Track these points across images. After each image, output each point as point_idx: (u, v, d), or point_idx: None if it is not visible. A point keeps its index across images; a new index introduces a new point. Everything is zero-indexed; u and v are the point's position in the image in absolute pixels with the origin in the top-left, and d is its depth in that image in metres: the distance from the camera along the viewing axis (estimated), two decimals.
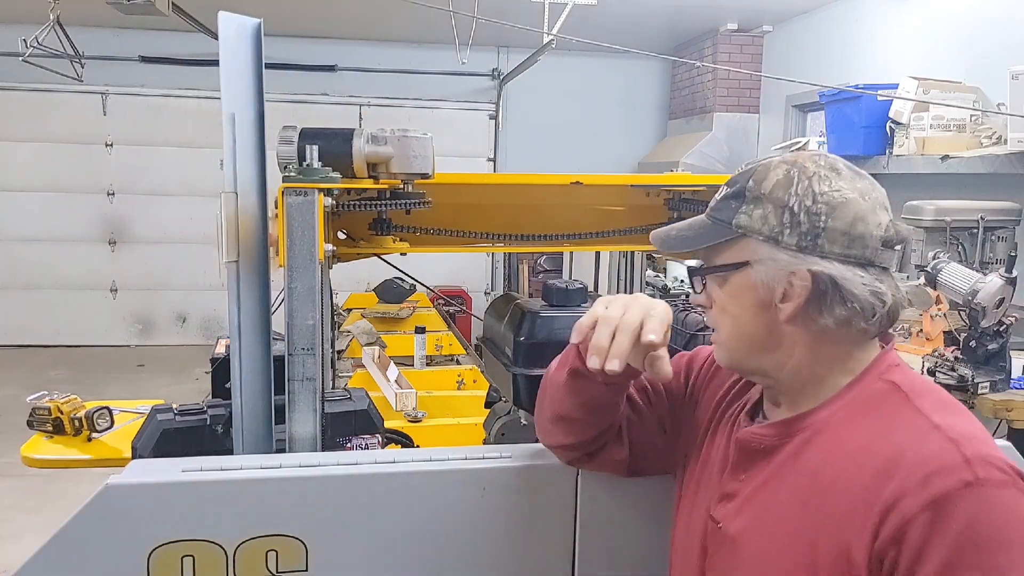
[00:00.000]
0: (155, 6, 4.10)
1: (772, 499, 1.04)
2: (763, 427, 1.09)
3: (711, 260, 1.10)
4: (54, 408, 2.35)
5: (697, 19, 6.80)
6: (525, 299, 1.97)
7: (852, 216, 1.00)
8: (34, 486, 4.34)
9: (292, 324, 1.49)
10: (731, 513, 1.09)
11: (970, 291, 2.50)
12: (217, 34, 1.46)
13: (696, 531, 1.15)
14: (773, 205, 1.02)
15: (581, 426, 1.25)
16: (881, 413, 1.00)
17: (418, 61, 7.94)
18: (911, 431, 0.96)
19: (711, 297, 1.11)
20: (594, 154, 7.99)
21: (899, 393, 1.01)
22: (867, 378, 1.04)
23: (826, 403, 1.04)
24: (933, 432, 0.94)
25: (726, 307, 1.08)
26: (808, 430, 1.04)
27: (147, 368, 7.21)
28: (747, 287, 1.05)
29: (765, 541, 1.03)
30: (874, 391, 1.02)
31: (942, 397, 1.02)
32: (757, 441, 1.09)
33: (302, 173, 1.53)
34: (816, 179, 1.02)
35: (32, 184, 7.65)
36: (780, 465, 1.05)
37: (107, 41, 7.22)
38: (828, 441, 1.01)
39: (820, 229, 1.00)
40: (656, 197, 2.34)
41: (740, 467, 1.10)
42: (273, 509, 1.29)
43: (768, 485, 1.06)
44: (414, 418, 2.76)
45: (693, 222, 1.14)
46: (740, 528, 1.06)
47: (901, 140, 4.51)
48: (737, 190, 1.07)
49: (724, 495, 1.11)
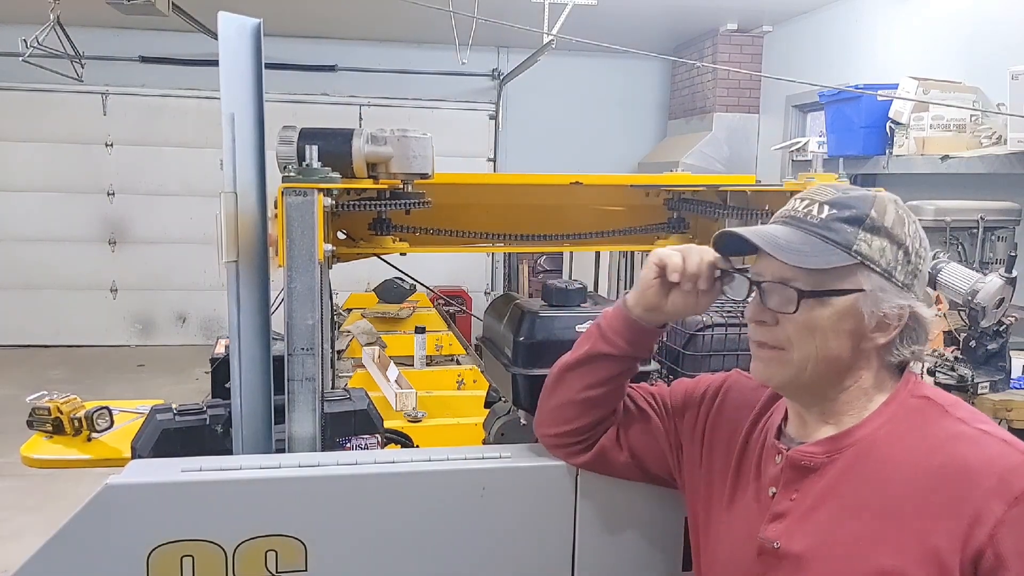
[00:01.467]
0: (155, 6, 4.09)
1: (835, 515, 1.07)
2: (811, 445, 1.12)
3: (817, 279, 1.07)
4: (54, 408, 2.35)
5: (697, 19, 6.79)
6: (525, 299, 1.97)
7: (929, 263, 1.13)
8: (34, 486, 4.34)
9: (292, 324, 1.49)
10: (787, 532, 1.10)
11: (970, 291, 2.50)
12: (217, 34, 1.46)
13: (743, 553, 1.16)
14: (890, 240, 1.07)
15: (579, 410, 1.31)
16: (925, 425, 1.06)
17: (418, 61, 7.93)
18: (963, 439, 1.03)
19: (780, 314, 1.09)
20: (594, 154, 7.99)
21: (935, 406, 1.08)
22: (901, 395, 1.10)
23: (867, 420, 1.10)
24: (984, 437, 1.02)
25: (816, 328, 1.07)
26: (855, 447, 1.08)
27: (147, 368, 7.21)
28: (850, 314, 1.07)
29: (839, 557, 1.05)
30: (911, 406, 1.09)
31: (970, 407, 1.10)
32: (808, 459, 1.11)
33: (302, 173, 1.53)
34: (917, 223, 1.11)
35: (32, 184, 7.65)
36: (834, 481, 1.08)
37: (107, 41, 7.22)
38: (881, 455, 1.06)
39: (918, 271, 1.09)
40: (656, 197, 2.34)
41: (791, 486, 1.12)
42: (272, 509, 1.29)
43: (826, 502, 1.08)
44: (414, 418, 2.76)
45: (804, 239, 1.08)
46: (806, 546, 1.07)
47: (901, 140, 4.51)
48: (855, 216, 1.07)
49: (775, 515, 1.12)
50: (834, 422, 1.12)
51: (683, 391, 1.37)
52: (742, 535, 1.16)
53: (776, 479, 1.14)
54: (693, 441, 1.31)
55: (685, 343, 1.88)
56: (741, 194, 2.29)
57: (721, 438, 1.27)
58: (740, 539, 1.17)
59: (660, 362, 1.96)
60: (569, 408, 1.32)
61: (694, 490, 1.30)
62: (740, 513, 1.19)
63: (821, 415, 1.14)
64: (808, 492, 1.10)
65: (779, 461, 1.15)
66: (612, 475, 1.36)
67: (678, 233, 2.33)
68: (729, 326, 1.85)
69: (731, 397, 1.30)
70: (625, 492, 1.39)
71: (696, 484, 1.29)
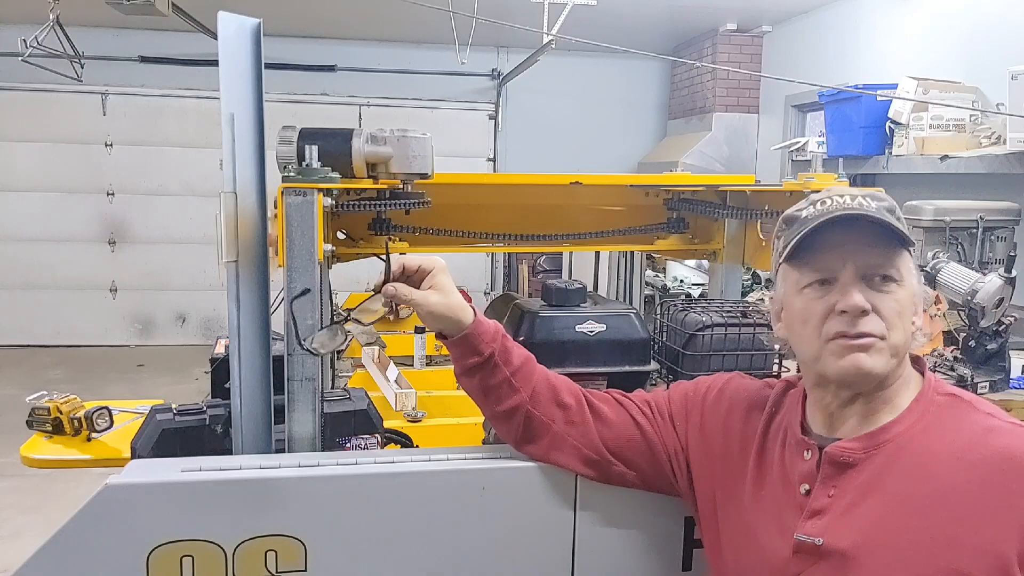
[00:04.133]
0: (155, 6, 4.10)
1: (882, 510, 1.07)
2: (849, 441, 1.13)
3: (897, 264, 1.13)
4: (53, 408, 2.35)
5: (697, 19, 6.79)
6: (524, 299, 1.97)
7: None
8: (33, 486, 4.34)
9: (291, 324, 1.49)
10: (828, 528, 1.10)
11: (969, 291, 2.50)
12: (217, 34, 1.46)
13: (775, 552, 1.15)
14: (914, 238, 1.14)
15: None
16: (957, 420, 1.09)
17: (418, 61, 7.93)
18: (1000, 432, 1.06)
19: (879, 301, 1.11)
20: (594, 154, 7.99)
21: (963, 402, 1.12)
22: (928, 392, 1.14)
23: (901, 417, 1.12)
24: (1019, 429, 1.06)
25: (904, 312, 1.12)
26: (894, 442, 1.10)
27: (147, 368, 7.21)
28: (914, 296, 1.14)
29: (892, 552, 1.05)
30: (940, 403, 1.12)
31: (991, 403, 1.14)
32: (846, 456, 1.11)
33: (301, 173, 1.53)
34: None
35: (32, 184, 7.65)
36: (875, 476, 1.09)
37: (107, 41, 7.22)
38: (921, 449, 1.08)
39: None
40: (655, 197, 2.34)
41: (829, 482, 1.12)
42: (272, 509, 1.29)
43: (868, 497, 1.09)
44: (414, 418, 2.76)
45: (891, 223, 1.12)
46: (852, 543, 1.07)
47: (900, 140, 4.51)
48: (889, 206, 1.14)
49: (813, 512, 1.12)
50: (872, 417, 1.13)
51: (682, 395, 1.37)
52: (772, 533, 1.16)
53: (809, 475, 1.14)
54: (701, 442, 1.31)
55: (685, 343, 1.88)
56: (741, 194, 2.29)
57: (734, 438, 1.27)
58: (769, 537, 1.16)
59: (660, 362, 1.96)
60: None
61: (705, 491, 1.29)
62: (766, 512, 1.18)
63: (862, 410, 1.14)
64: (847, 488, 1.10)
65: (808, 457, 1.15)
66: (609, 484, 1.36)
67: (678, 233, 2.33)
68: (729, 326, 1.86)
69: (738, 398, 1.30)
70: (625, 492, 1.38)
71: (707, 485, 1.29)
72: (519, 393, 1.32)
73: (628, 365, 1.85)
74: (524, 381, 1.33)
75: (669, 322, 1.96)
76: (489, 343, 1.31)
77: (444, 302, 1.30)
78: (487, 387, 1.33)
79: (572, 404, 1.34)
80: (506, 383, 1.32)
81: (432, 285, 1.32)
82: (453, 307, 1.31)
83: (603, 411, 1.35)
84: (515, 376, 1.32)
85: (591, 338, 1.82)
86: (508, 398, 1.32)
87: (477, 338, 1.31)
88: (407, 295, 1.30)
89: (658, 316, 2.02)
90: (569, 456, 1.33)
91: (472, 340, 1.31)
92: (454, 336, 1.32)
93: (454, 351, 1.34)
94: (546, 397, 1.33)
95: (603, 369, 1.84)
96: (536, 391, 1.33)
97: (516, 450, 1.38)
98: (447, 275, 1.34)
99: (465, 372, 1.33)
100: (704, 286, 5.18)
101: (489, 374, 1.32)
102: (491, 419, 1.38)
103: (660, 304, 2.05)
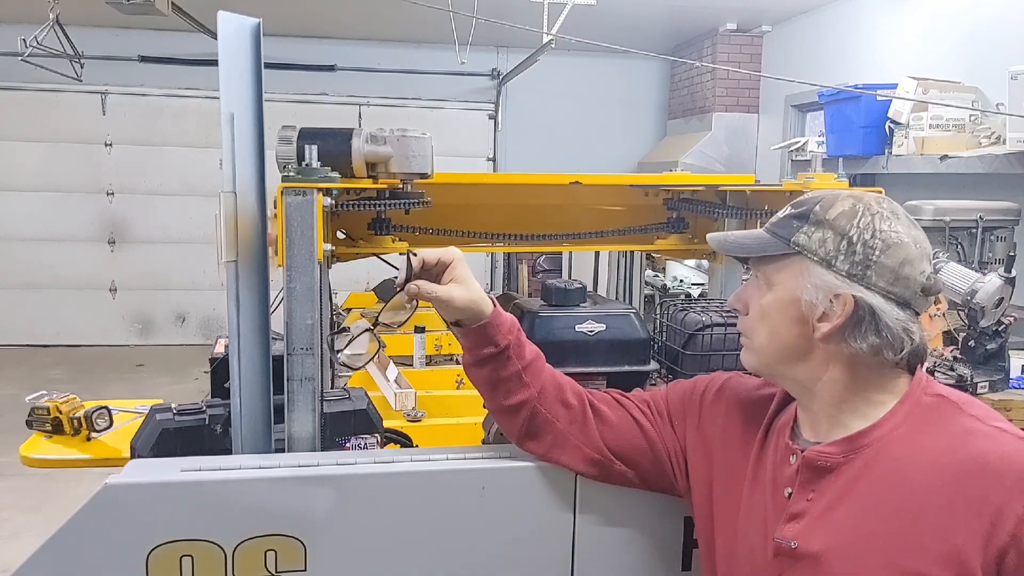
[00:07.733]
0: (155, 6, 4.10)
1: (854, 514, 1.07)
2: (828, 445, 1.13)
3: (767, 272, 1.16)
4: (53, 408, 2.35)
5: (696, 19, 6.79)
6: (524, 299, 1.97)
7: (903, 258, 1.08)
8: (33, 486, 4.34)
9: (291, 324, 1.49)
10: (804, 532, 1.10)
11: (969, 291, 2.50)
12: (216, 34, 1.46)
13: (760, 554, 1.16)
14: (833, 231, 1.10)
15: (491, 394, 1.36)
16: (940, 423, 1.07)
17: (418, 61, 7.93)
18: (980, 436, 1.03)
19: (747, 304, 1.19)
20: (593, 154, 7.99)
21: (950, 403, 1.10)
22: (915, 393, 1.11)
23: (882, 420, 1.10)
24: (1001, 435, 1.04)
25: (766, 314, 1.15)
26: (873, 446, 1.09)
27: (146, 368, 7.21)
28: (791, 300, 1.12)
29: (859, 555, 1.05)
30: (926, 405, 1.10)
31: (983, 405, 1.11)
32: (824, 459, 1.12)
33: (301, 173, 1.53)
34: (879, 217, 1.10)
35: (32, 184, 7.65)
36: (852, 481, 1.09)
37: (107, 41, 7.22)
38: (899, 454, 1.07)
39: (871, 262, 1.08)
40: (655, 197, 2.34)
41: (807, 486, 1.13)
42: (272, 509, 1.29)
43: (844, 501, 1.09)
44: (413, 418, 2.76)
45: (753, 233, 1.21)
46: (824, 546, 1.08)
47: (900, 140, 4.51)
48: (802, 212, 1.14)
49: (791, 515, 1.13)
50: (833, 421, 1.13)
51: (679, 395, 1.37)
52: (759, 536, 1.17)
53: (792, 479, 1.14)
54: (699, 442, 1.31)
55: (684, 343, 1.88)
56: (740, 194, 2.29)
57: (733, 437, 1.27)
58: (756, 540, 1.17)
59: (660, 362, 1.96)
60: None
61: (701, 491, 1.29)
62: (756, 514, 1.19)
63: (814, 411, 1.15)
64: (825, 492, 1.10)
65: (794, 461, 1.15)
66: (610, 483, 1.36)
67: (677, 233, 2.33)
68: (728, 326, 1.86)
69: (737, 397, 1.30)
70: (625, 492, 1.38)
71: (704, 485, 1.29)
72: (528, 388, 1.32)
73: (628, 365, 1.85)
74: (534, 376, 1.32)
75: (669, 322, 1.96)
76: (506, 334, 1.31)
77: (467, 295, 1.29)
78: (497, 379, 1.32)
79: (575, 404, 1.34)
80: (516, 377, 1.31)
81: (453, 278, 1.30)
82: (475, 299, 1.29)
83: (604, 412, 1.35)
84: (526, 371, 1.32)
85: (591, 338, 1.82)
86: (517, 392, 1.32)
87: (495, 328, 1.30)
88: (431, 291, 1.28)
89: (658, 316, 2.03)
90: (571, 455, 1.33)
91: (489, 330, 1.30)
92: (471, 325, 1.31)
93: (467, 340, 1.32)
94: (552, 395, 1.33)
95: (603, 369, 1.83)
96: (544, 388, 1.33)
97: (518, 447, 1.38)
98: (465, 266, 1.32)
99: (477, 362, 1.32)
100: (704, 286, 5.18)
101: (501, 366, 1.31)
102: (496, 412, 1.37)
103: (660, 304, 2.06)
